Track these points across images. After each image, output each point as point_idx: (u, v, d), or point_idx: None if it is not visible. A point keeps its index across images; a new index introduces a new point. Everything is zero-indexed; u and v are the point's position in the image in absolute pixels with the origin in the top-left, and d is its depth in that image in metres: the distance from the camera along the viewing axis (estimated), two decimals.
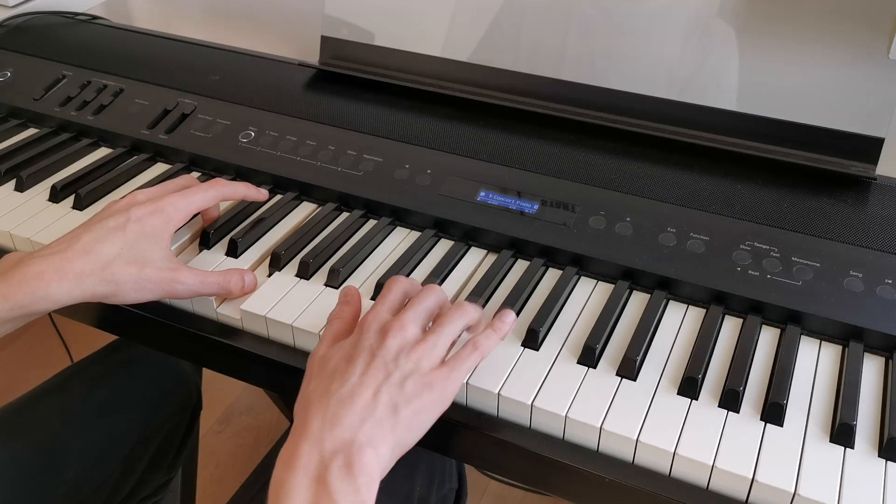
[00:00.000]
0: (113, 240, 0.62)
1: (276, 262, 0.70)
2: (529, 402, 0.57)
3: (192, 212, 0.67)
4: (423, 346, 0.54)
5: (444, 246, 0.72)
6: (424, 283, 0.66)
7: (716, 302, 0.64)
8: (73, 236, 0.62)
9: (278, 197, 0.79)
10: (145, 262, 0.62)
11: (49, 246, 0.62)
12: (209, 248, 0.72)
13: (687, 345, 0.62)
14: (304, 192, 0.78)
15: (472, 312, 0.59)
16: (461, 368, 0.55)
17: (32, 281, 0.58)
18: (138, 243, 0.63)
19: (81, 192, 0.78)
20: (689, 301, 0.66)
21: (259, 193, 0.74)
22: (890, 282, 0.62)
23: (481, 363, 0.59)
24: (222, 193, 0.70)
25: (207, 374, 0.92)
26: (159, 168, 0.84)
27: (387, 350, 0.53)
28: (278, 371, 0.65)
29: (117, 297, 0.62)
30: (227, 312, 0.67)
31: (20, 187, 0.81)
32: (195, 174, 0.82)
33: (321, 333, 0.62)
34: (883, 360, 0.60)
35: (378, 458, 0.49)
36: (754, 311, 0.63)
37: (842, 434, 0.54)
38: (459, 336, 0.58)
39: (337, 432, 0.49)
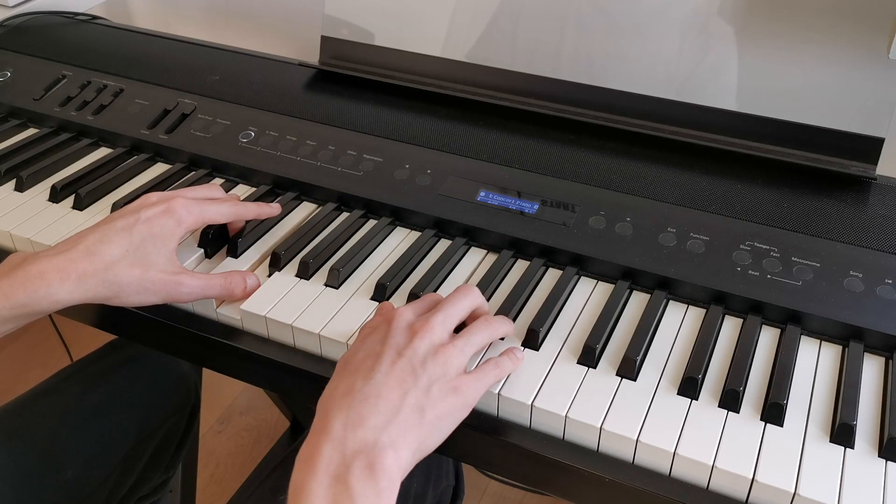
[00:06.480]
0: (118, 241, 0.61)
1: (276, 262, 0.70)
2: (529, 403, 0.57)
3: (204, 220, 0.67)
4: (451, 350, 0.54)
5: (444, 246, 0.72)
6: (423, 281, 0.66)
7: (716, 302, 0.64)
8: (79, 237, 0.62)
9: (278, 197, 0.79)
10: (149, 265, 0.62)
11: (55, 246, 0.62)
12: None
13: (687, 345, 0.62)
14: (304, 192, 0.78)
15: (502, 328, 0.59)
16: (484, 380, 0.55)
17: (35, 280, 0.58)
18: (144, 245, 0.62)
19: (81, 192, 0.78)
20: (689, 301, 0.66)
21: (272, 209, 0.73)
22: (890, 282, 0.62)
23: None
24: (237, 212, 0.69)
25: (207, 374, 0.92)
26: (159, 168, 0.84)
27: (414, 351, 0.52)
28: (278, 371, 0.65)
29: (119, 298, 0.61)
30: (227, 312, 0.67)
31: (20, 187, 0.81)
32: (216, 178, 0.82)
33: (321, 333, 0.63)
34: (883, 360, 0.60)
35: (399, 462, 0.48)
36: (754, 311, 0.63)
37: (842, 434, 0.54)
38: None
39: (360, 433, 0.48)
